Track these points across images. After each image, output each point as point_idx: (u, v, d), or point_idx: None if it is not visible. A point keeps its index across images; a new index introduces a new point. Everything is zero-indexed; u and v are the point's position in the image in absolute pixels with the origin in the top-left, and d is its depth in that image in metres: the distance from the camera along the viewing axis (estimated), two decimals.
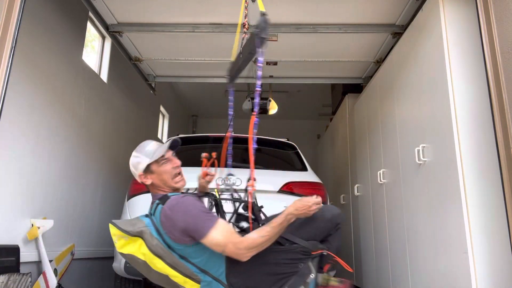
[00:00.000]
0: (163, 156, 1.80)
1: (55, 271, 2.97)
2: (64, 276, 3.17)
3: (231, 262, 1.64)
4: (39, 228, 2.89)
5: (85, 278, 3.82)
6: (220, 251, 1.58)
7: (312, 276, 1.65)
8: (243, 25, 1.97)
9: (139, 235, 1.63)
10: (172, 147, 1.87)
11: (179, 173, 1.83)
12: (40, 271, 2.88)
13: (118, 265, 2.78)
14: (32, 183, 2.98)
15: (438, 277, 2.39)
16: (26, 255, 2.77)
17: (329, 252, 1.73)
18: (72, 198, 3.59)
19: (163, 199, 1.70)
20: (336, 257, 1.74)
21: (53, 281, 2.82)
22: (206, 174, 2.02)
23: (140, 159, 1.80)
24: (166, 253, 1.63)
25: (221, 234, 1.56)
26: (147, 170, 1.79)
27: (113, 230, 1.65)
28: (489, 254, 2.03)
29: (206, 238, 1.56)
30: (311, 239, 1.79)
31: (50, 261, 2.94)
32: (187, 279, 1.65)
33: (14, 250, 2.63)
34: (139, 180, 1.83)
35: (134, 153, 1.84)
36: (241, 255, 1.56)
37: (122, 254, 1.67)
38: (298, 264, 1.67)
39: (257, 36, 1.63)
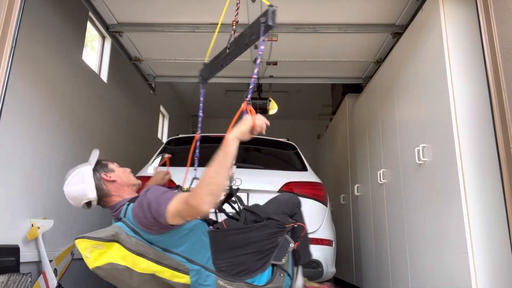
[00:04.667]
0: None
1: (55, 271, 2.97)
2: (64, 276, 3.17)
3: (216, 247, 1.72)
4: (39, 228, 2.89)
5: (85, 278, 3.82)
6: (183, 218, 1.51)
7: (292, 245, 1.80)
8: (234, 22, 2.01)
9: (114, 238, 1.55)
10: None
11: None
12: (40, 271, 2.87)
13: None
14: (32, 183, 2.97)
15: (438, 277, 2.39)
16: (26, 255, 2.77)
17: (300, 223, 1.90)
18: None
19: (133, 199, 1.70)
20: (305, 226, 1.93)
21: (53, 281, 2.82)
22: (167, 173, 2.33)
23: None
24: (147, 249, 1.58)
25: (174, 204, 1.49)
26: None
27: (82, 243, 1.53)
28: (489, 254, 2.04)
29: (166, 217, 1.49)
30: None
31: (50, 261, 2.94)
32: (175, 272, 1.60)
33: (14, 250, 2.63)
34: None
35: None
36: (202, 202, 1.42)
37: (98, 268, 1.52)
38: (277, 238, 1.79)
39: (264, 23, 1.57)
